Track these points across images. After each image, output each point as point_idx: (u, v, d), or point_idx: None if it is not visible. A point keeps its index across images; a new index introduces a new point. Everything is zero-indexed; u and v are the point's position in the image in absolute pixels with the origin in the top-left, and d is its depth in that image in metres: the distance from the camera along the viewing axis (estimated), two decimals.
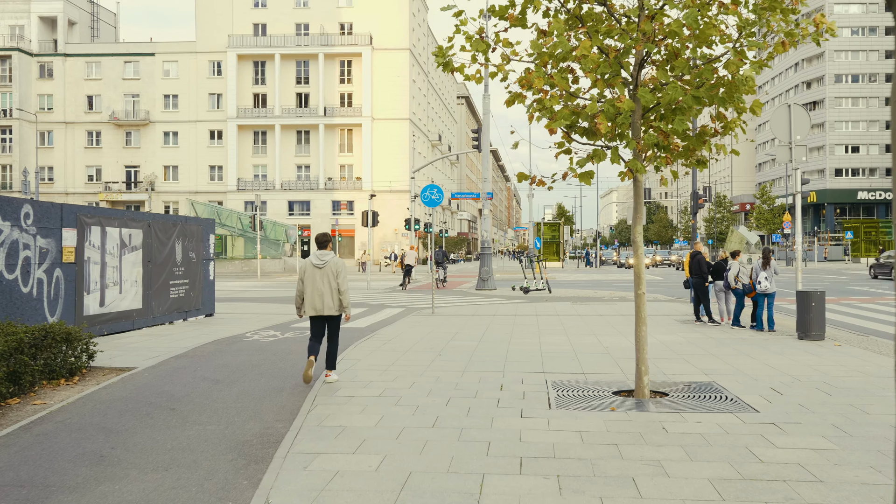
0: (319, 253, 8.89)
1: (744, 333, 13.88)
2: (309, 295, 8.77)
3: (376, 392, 8.29)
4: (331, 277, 8.78)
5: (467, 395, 8.09)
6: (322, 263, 8.79)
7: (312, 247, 65.18)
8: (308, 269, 8.81)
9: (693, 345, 12.27)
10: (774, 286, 14.27)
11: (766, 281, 14.15)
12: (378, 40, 70.01)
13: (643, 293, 8.18)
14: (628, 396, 8.16)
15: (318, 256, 8.85)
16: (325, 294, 8.76)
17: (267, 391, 8.41)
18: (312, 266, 8.81)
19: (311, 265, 8.82)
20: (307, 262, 8.89)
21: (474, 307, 20.52)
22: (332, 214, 68.91)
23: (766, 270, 14.24)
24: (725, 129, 8.20)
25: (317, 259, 8.83)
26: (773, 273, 14.24)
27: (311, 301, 8.78)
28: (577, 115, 7.62)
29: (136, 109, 72.87)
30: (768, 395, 8.10)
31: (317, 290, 8.75)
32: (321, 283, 8.75)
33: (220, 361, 10.55)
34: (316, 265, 8.80)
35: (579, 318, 17.18)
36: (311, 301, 8.78)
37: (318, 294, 8.75)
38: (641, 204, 8.18)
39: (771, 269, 14.23)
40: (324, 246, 8.99)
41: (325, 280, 8.76)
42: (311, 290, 8.76)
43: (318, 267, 8.79)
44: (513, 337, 13.39)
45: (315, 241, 9.12)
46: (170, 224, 15.95)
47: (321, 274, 8.77)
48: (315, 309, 8.78)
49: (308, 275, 8.78)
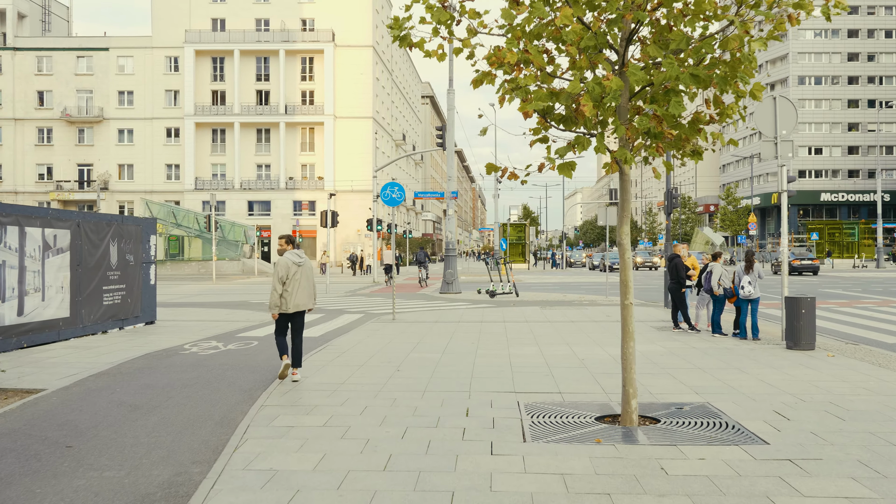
0: (298, 252, 9.20)
1: (727, 342, 12.90)
2: (293, 292, 8.99)
3: (320, 420, 7.06)
4: (309, 275, 9.21)
5: (427, 424, 6.90)
6: (302, 262, 9.14)
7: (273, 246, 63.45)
8: (291, 268, 9.03)
9: (676, 356, 11.22)
10: (759, 291, 13.32)
11: (750, 286, 13.18)
12: (340, 37, 68.47)
13: (631, 303, 7.07)
14: (613, 423, 7.05)
15: (298, 255, 9.15)
16: (305, 291, 9.13)
17: (191, 420, 7.13)
18: (295, 265, 9.06)
19: (294, 263, 9.06)
20: (288, 261, 9.05)
21: (438, 312, 19.34)
22: (294, 215, 67.20)
23: (749, 274, 13.29)
24: (722, 115, 7.10)
25: (297, 257, 9.12)
26: (756, 277, 13.29)
27: (294, 298, 9.01)
28: (556, 96, 6.47)
29: (90, 106, 70.29)
30: (773, 420, 7.05)
31: (300, 288, 9.06)
32: (303, 281, 9.11)
33: (146, 381, 9.23)
34: (298, 263, 9.08)
35: (550, 325, 16.10)
36: (294, 298, 9.01)
37: (301, 291, 9.07)
38: (629, 200, 7.08)
39: (755, 273, 13.28)
40: (298, 245, 9.46)
41: (305, 277, 9.15)
42: (294, 288, 9.00)
43: (300, 265, 9.11)
44: (479, 348, 12.23)
45: (289, 241, 9.32)
46: (103, 224, 14.52)
47: (301, 272, 9.11)
48: (297, 305, 9.04)
49: (292, 274, 9.00)
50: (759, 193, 73.60)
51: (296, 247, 9.29)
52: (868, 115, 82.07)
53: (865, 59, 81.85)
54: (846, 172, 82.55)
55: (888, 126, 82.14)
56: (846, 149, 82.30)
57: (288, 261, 9.05)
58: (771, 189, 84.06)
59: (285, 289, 8.96)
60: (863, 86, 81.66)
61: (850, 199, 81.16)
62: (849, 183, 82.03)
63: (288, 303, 8.98)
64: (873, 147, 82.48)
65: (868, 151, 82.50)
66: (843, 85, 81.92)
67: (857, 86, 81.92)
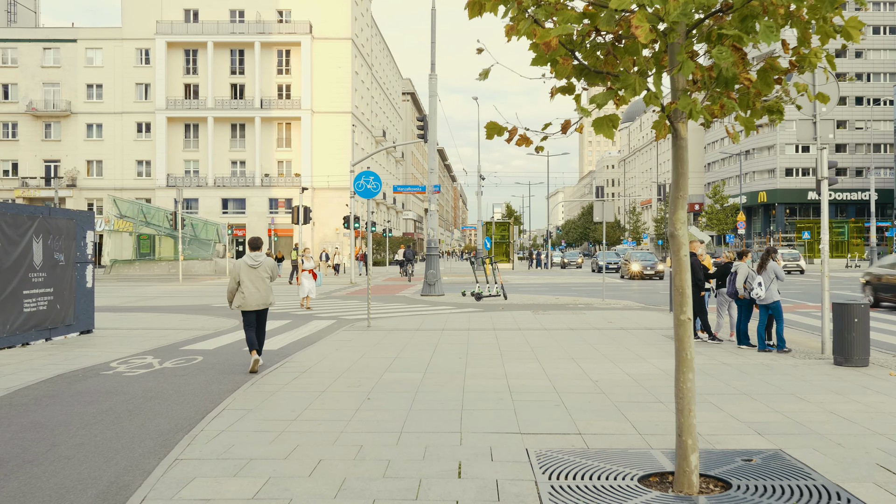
0: (254, 254, 9.82)
1: (760, 356, 10.93)
2: (247, 292, 9.64)
3: (251, 488, 4.95)
4: (264, 276, 9.83)
5: (403, 496, 4.83)
6: (257, 264, 9.76)
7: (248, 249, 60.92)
8: (243, 269, 9.72)
9: (709, 376, 9.23)
10: (776, 294, 11.31)
11: (761, 287, 11.23)
12: (318, 29, 66.09)
13: (689, 319, 5.04)
14: (664, 486, 5.04)
15: (253, 257, 9.78)
16: (261, 291, 9.77)
17: (62, 490, 5.01)
18: (247, 266, 9.73)
19: (246, 265, 9.72)
20: (241, 262, 9.76)
21: (419, 318, 17.26)
22: (269, 213, 64.67)
23: (762, 274, 11.33)
24: (804, 62, 5.09)
25: (251, 260, 9.75)
26: (772, 278, 11.29)
27: (250, 297, 9.66)
28: (592, 17, 4.41)
29: (57, 100, 67.36)
30: (884, 480, 5.06)
31: (254, 288, 9.69)
32: (258, 281, 9.74)
33: (37, 417, 7.08)
34: (251, 265, 9.74)
35: (547, 333, 14.07)
36: (249, 297, 9.66)
37: (256, 291, 9.71)
38: (686, 174, 5.05)
39: (768, 273, 11.29)
40: (257, 248, 9.92)
41: (259, 278, 9.77)
42: (249, 288, 9.65)
43: (253, 267, 9.75)
44: (469, 364, 10.17)
45: (249, 245, 9.97)
46: (23, 217, 12.31)
47: (256, 273, 9.74)
48: (256, 304, 9.71)
49: (244, 274, 9.69)
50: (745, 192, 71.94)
51: (255, 249, 9.89)
52: (855, 113, 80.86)
53: (853, 55, 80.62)
54: (833, 171, 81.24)
55: (876, 123, 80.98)
56: (833, 147, 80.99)
57: (242, 262, 9.78)
58: (757, 187, 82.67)
59: (241, 289, 9.66)
60: (851, 82, 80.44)
61: (837, 198, 79.81)
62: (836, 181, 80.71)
63: (248, 301, 9.66)
64: (861, 145, 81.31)
65: (856, 149, 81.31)
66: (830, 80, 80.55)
67: (844, 82, 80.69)
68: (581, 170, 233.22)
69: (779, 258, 12.08)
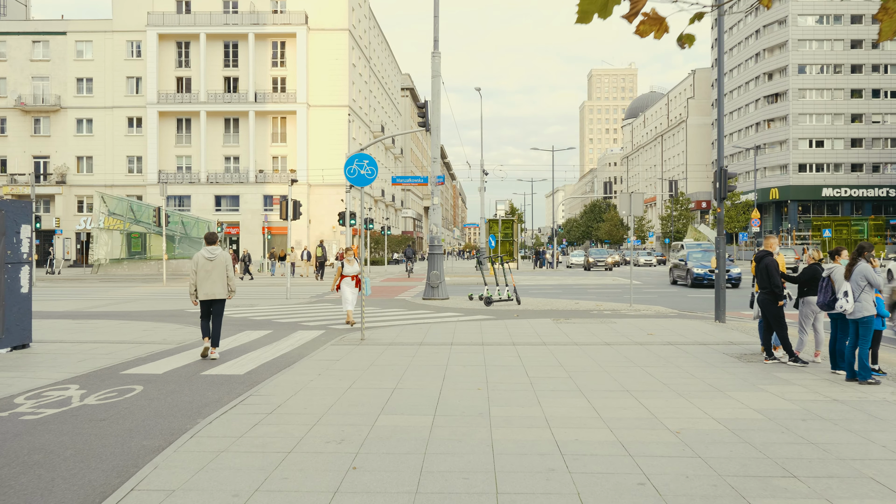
0: (210, 248, 10.64)
1: (874, 390, 8.36)
2: (203, 283, 10.50)
3: None
4: (220, 268, 10.61)
5: None
6: (213, 257, 10.58)
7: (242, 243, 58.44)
8: (200, 262, 10.58)
9: (834, 425, 6.63)
10: (870, 307, 8.72)
11: (845, 298, 8.67)
12: (314, 20, 63.45)
13: None
14: None
15: (209, 251, 10.61)
16: (216, 282, 10.59)
17: None
18: (205, 259, 10.56)
19: (204, 258, 10.56)
20: (199, 255, 10.57)
21: (423, 328, 14.67)
22: (264, 210, 62.06)
23: (850, 280, 8.79)
24: None
25: (208, 253, 10.58)
26: (862, 284, 8.70)
27: (205, 288, 10.52)
28: None
29: (46, 94, 64.77)
30: None
31: (210, 279, 10.53)
32: (214, 273, 10.57)
33: None
34: (207, 258, 10.56)
35: (579, 349, 11.51)
36: (203, 287, 10.52)
37: (211, 282, 10.54)
38: None
39: (858, 276, 8.74)
40: (213, 243, 10.72)
41: (215, 270, 10.59)
42: (204, 279, 10.51)
43: (210, 260, 10.57)
44: (493, 401, 7.59)
45: (205, 239, 10.75)
46: None
47: (212, 265, 10.58)
48: (206, 294, 10.54)
49: (201, 267, 10.58)
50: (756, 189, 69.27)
51: (211, 244, 10.67)
52: (872, 106, 78.09)
53: (869, 46, 77.87)
54: (849, 166, 78.45)
55: (893, 117, 78.24)
56: (849, 141, 78.21)
57: (199, 256, 10.55)
58: (769, 184, 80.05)
59: (195, 280, 10.48)
60: (867, 74, 77.64)
61: (853, 195, 77.05)
62: (852, 177, 77.90)
63: (201, 291, 10.52)
64: (878, 139, 78.56)
65: (872, 144, 78.50)
66: (845, 74, 77.74)
67: (860, 74, 77.94)
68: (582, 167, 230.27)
69: (873, 259, 9.50)
